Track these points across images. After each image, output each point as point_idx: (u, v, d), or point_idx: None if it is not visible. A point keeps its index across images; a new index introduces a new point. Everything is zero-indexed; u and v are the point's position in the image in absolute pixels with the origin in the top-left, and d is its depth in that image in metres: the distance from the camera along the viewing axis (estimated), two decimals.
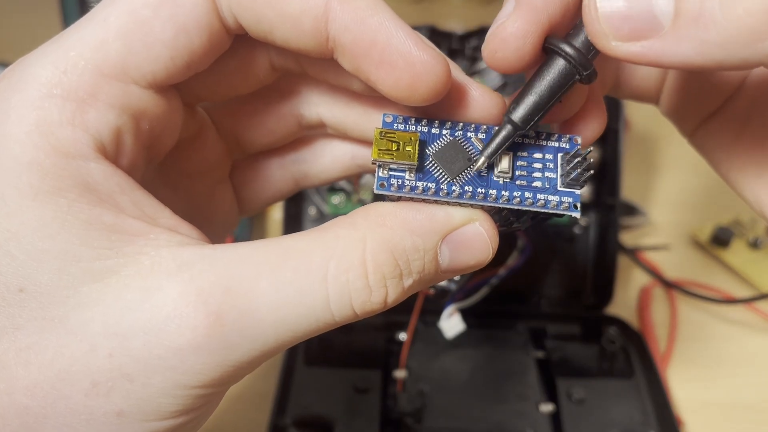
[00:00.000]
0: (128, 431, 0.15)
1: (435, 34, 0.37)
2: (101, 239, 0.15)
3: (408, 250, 0.16)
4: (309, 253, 0.16)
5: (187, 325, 0.15)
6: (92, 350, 0.15)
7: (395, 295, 0.16)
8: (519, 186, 0.17)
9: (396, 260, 0.16)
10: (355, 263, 0.16)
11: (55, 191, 0.15)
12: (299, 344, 0.35)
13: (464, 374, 0.34)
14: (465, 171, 0.17)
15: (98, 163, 0.16)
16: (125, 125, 0.16)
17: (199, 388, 0.15)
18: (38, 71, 0.15)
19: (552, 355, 0.36)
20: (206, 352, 0.15)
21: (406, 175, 0.17)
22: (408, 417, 0.32)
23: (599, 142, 0.39)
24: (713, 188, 0.52)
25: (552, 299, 0.40)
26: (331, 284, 0.15)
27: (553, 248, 0.40)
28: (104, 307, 0.15)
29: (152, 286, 0.15)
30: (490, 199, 0.16)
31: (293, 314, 0.15)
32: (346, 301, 0.16)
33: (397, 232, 0.16)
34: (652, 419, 0.32)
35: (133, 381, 0.15)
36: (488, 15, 0.81)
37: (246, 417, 0.34)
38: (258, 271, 0.15)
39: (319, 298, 0.15)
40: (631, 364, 0.36)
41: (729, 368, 0.37)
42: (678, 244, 0.46)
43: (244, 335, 0.15)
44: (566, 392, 0.33)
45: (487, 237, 0.17)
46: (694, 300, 0.42)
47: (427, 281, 0.17)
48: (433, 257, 0.16)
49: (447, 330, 0.36)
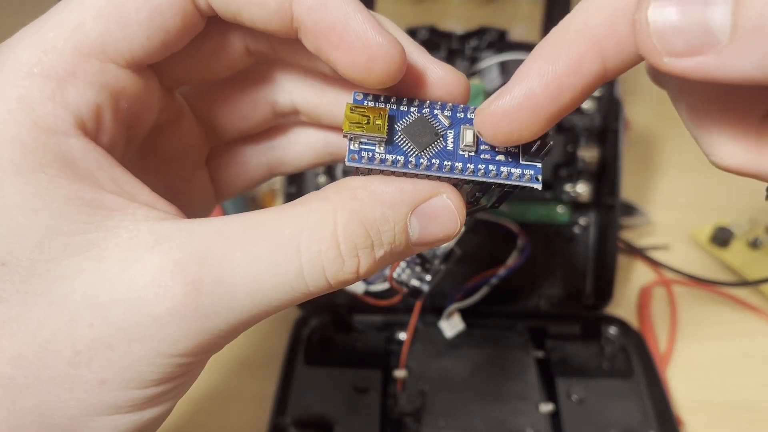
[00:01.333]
0: (110, 399, 0.16)
1: (435, 35, 0.37)
2: (81, 214, 0.16)
3: (378, 220, 0.17)
4: (282, 226, 0.16)
5: (166, 294, 0.15)
6: (73, 320, 0.15)
7: (367, 265, 0.17)
8: (483, 159, 0.17)
9: (367, 231, 0.16)
10: (327, 234, 0.16)
11: (36, 167, 0.15)
12: (299, 344, 0.36)
13: (464, 374, 0.34)
14: (432, 145, 0.17)
15: (78, 139, 0.16)
16: (104, 103, 0.17)
17: (179, 357, 0.16)
18: (18, 52, 0.16)
19: (552, 355, 0.36)
20: (184, 320, 0.15)
21: (376, 148, 0.17)
22: (408, 417, 0.32)
23: (599, 142, 0.39)
24: (713, 188, 0.52)
25: (552, 299, 0.40)
26: (304, 255, 0.16)
27: (552, 248, 0.40)
28: (84, 278, 0.15)
29: (131, 258, 0.15)
30: (456, 171, 0.17)
31: (268, 284, 0.16)
32: (319, 271, 0.16)
33: (367, 203, 0.17)
34: (651, 419, 0.32)
35: (114, 349, 0.15)
36: (488, 15, 0.81)
37: (246, 417, 0.34)
38: (233, 243, 0.16)
39: (293, 269, 0.16)
40: (631, 363, 0.36)
41: (729, 368, 0.38)
42: (677, 244, 0.46)
43: (221, 304, 0.16)
44: (566, 392, 0.33)
45: (454, 209, 0.17)
46: (693, 300, 0.42)
47: (398, 254, 0.17)
48: (403, 229, 0.17)
49: (447, 330, 0.36)
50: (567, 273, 0.40)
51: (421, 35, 0.37)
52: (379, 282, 0.37)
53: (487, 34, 0.37)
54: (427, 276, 0.30)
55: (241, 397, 0.35)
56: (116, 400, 0.16)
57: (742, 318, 0.41)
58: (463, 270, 0.40)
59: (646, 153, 0.56)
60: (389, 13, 0.20)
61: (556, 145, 0.37)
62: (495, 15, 0.82)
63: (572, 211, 0.39)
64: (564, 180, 0.38)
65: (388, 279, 0.30)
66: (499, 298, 0.39)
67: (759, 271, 0.42)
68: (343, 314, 0.38)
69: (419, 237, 0.17)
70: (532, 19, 0.78)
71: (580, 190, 0.37)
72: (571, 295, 0.40)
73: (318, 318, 0.38)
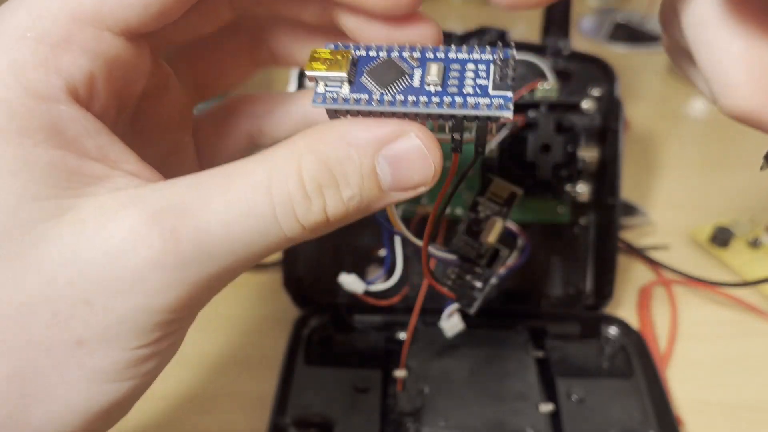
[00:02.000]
0: (88, 362, 0.16)
1: None
2: (61, 180, 0.16)
3: (342, 159, 0.16)
4: (252, 173, 0.16)
5: (143, 243, 0.15)
6: (51, 281, 0.15)
7: (334, 205, 0.17)
8: (450, 93, 0.17)
9: (330, 169, 0.16)
10: (293, 173, 0.16)
11: (21, 131, 0.15)
12: (299, 344, 0.36)
13: (464, 374, 0.34)
14: (397, 82, 0.17)
15: (68, 106, 0.16)
16: (98, 71, 0.17)
17: (162, 312, 0.16)
18: (12, 17, 0.16)
19: (552, 355, 0.36)
20: (164, 270, 0.15)
21: (341, 89, 0.17)
22: (408, 416, 0.32)
23: (599, 142, 0.39)
24: (713, 188, 0.52)
25: (551, 299, 0.40)
26: (275, 195, 0.16)
27: (552, 248, 0.40)
28: (62, 241, 0.15)
29: (108, 216, 0.16)
30: (421, 104, 0.17)
31: (245, 228, 0.16)
32: (290, 211, 0.16)
33: (330, 143, 0.17)
34: (651, 419, 0.32)
35: (93, 306, 0.15)
36: (488, 15, 0.81)
37: (246, 416, 0.34)
38: (208, 193, 0.16)
39: (266, 211, 0.16)
40: (631, 363, 0.36)
41: (729, 368, 0.38)
42: (677, 244, 0.46)
43: (200, 250, 0.16)
44: (566, 392, 0.33)
45: (424, 148, 0.17)
46: (693, 300, 0.42)
47: (370, 199, 0.17)
48: (371, 170, 0.17)
49: (447, 330, 0.36)
50: (567, 273, 0.40)
51: None
52: (379, 282, 0.37)
53: (487, 34, 0.37)
54: (477, 283, 0.28)
55: (241, 397, 0.35)
56: (94, 363, 0.16)
57: (742, 318, 0.41)
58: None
59: (646, 153, 0.56)
60: None
61: (556, 145, 0.37)
62: (495, 15, 0.82)
63: (572, 211, 0.39)
64: (564, 180, 0.38)
65: (426, 275, 0.26)
66: (499, 298, 0.40)
67: (759, 271, 0.43)
68: (343, 314, 0.38)
69: (392, 181, 0.17)
70: (531, 19, 0.78)
71: (580, 190, 0.37)
72: (570, 295, 0.40)
73: (318, 318, 0.38)
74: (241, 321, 0.40)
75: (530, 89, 0.37)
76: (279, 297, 0.40)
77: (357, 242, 0.40)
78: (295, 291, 0.39)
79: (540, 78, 0.37)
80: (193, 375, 0.36)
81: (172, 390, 0.35)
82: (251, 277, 0.43)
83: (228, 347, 0.38)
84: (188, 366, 0.37)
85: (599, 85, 0.38)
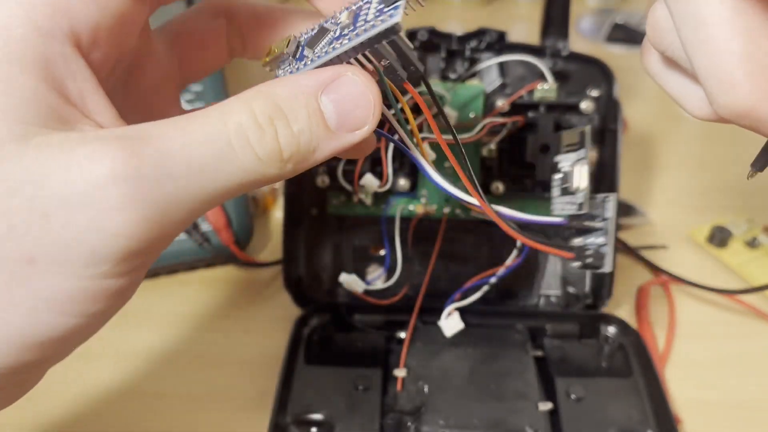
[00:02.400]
0: (37, 287, 0.16)
1: (434, 35, 0.38)
2: (36, 112, 0.16)
3: (289, 98, 0.18)
4: (208, 114, 0.17)
5: (105, 155, 0.16)
6: (11, 193, 0.15)
7: (285, 136, 0.18)
8: (358, 27, 0.19)
9: (279, 105, 0.18)
10: (245, 110, 0.17)
11: (12, 57, 0.16)
12: (300, 343, 0.36)
13: (463, 373, 0.34)
14: (324, 39, 0.20)
15: (65, 47, 0.17)
16: (104, 21, 0.18)
17: (118, 237, 0.16)
18: None
19: (551, 354, 0.36)
20: (124, 182, 0.16)
21: (290, 66, 0.20)
22: (408, 415, 0.32)
23: (597, 142, 0.39)
24: (711, 188, 0.52)
25: (550, 298, 0.40)
26: (229, 124, 0.17)
27: None
28: (26, 160, 0.16)
29: (73, 142, 0.16)
30: (340, 46, 0.19)
31: (203, 152, 0.17)
32: (244, 138, 0.17)
33: (279, 88, 0.18)
34: (650, 418, 0.33)
35: (50, 220, 0.15)
36: (487, 16, 0.81)
37: (247, 416, 0.34)
38: (169, 127, 0.17)
39: (222, 137, 0.17)
40: (630, 362, 0.36)
41: (727, 367, 0.38)
42: (676, 243, 0.46)
43: (160, 167, 0.16)
44: (565, 391, 0.34)
45: (361, 84, 0.18)
46: (691, 299, 0.42)
47: (320, 136, 0.18)
48: (316, 108, 0.18)
49: (446, 329, 0.36)
50: (565, 272, 0.40)
51: (421, 36, 0.37)
52: (379, 281, 0.38)
53: (487, 35, 0.37)
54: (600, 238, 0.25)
55: (241, 396, 0.35)
56: (44, 287, 0.16)
57: (739, 317, 0.41)
58: (462, 270, 0.40)
59: (645, 153, 0.56)
60: None
61: (555, 145, 0.37)
62: (494, 16, 0.82)
63: None
64: None
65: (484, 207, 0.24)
66: (498, 298, 0.40)
67: (757, 271, 0.43)
68: (343, 313, 0.38)
69: (337, 119, 0.18)
70: (530, 19, 0.78)
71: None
72: (569, 295, 0.40)
73: (318, 317, 0.38)
74: (241, 320, 0.40)
75: (529, 90, 0.38)
76: (279, 296, 0.40)
77: (357, 242, 0.40)
78: (295, 290, 0.39)
79: (539, 79, 0.38)
80: (193, 374, 0.36)
81: (172, 389, 0.36)
82: (252, 277, 0.43)
83: (229, 346, 0.38)
84: (188, 365, 0.37)
85: (598, 86, 0.38)
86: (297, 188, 0.39)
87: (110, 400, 0.34)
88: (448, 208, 0.39)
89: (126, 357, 0.37)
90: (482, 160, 0.38)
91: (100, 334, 0.36)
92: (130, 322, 0.40)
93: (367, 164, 0.36)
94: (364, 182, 0.36)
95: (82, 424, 0.34)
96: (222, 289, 0.42)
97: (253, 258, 0.43)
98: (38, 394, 0.22)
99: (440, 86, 0.38)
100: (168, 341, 0.38)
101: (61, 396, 0.35)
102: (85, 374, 0.36)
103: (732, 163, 0.54)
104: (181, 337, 0.39)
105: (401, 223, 0.38)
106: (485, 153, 0.38)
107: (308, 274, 0.40)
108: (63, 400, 0.35)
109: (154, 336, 0.39)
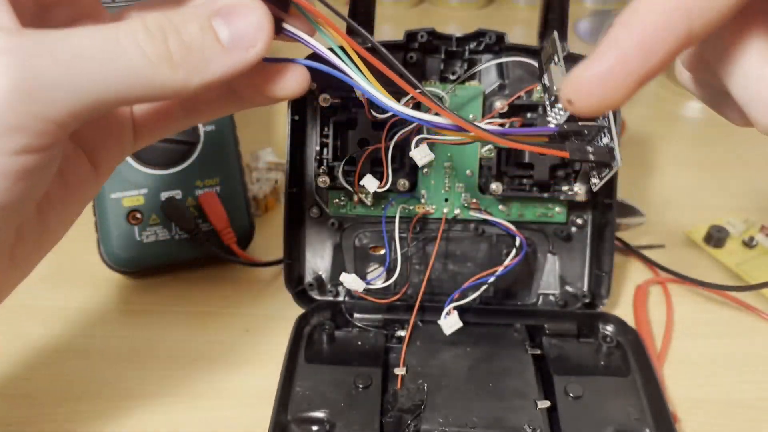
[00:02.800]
0: None
1: (433, 37, 0.38)
2: None
3: (180, 15, 0.19)
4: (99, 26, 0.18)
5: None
6: None
7: (176, 44, 0.19)
8: None
9: (170, 19, 0.19)
10: (137, 20, 0.19)
11: None
12: (300, 342, 0.36)
13: (463, 371, 0.35)
14: None
15: None
16: None
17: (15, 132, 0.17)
18: None
19: (549, 353, 0.36)
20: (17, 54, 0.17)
21: None
22: (407, 413, 0.33)
23: None
24: (709, 188, 0.53)
25: (549, 297, 0.40)
26: (120, 30, 0.18)
27: (550, 247, 0.40)
28: None
29: None
30: None
31: (91, 44, 0.18)
32: (134, 40, 0.18)
33: (172, 10, 0.20)
34: (648, 416, 0.33)
35: None
36: (486, 18, 0.82)
37: (248, 415, 0.34)
38: (57, 32, 0.18)
39: (111, 35, 0.18)
40: (628, 361, 0.36)
41: (725, 366, 0.38)
42: (673, 243, 0.46)
43: (52, 55, 0.17)
44: (563, 389, 0.34)
45: (252, 6, 0.20)
46: (689, 298, 0.42)
47: (212, 51, 0.19)
48: (208, 24, 0.19)
49: (445, 328, 0.36)
50: (564, 272, 0.40)
51: (420, 38, 0.38)
52: (379, 280, 0.38)
53: (486, 36, 0.38)
54: (605, 138, 0.25)
55: (242, 395, 0.36)
56: None
57: (737, 316, 0.41)
58: (461, 269, 0.40)
59: (642, 153, 0.56)
60: (389, 17, 0.21)
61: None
62: (493, 18, 0.82)
63: (569, 211, 0.40)
64: (561, 180, 0.38)
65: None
66: (497, 297, 0.40)
67: (754, 271, 0.43)
68: (343, 312, 0.38)
69: (229, 34, 0.19)
70: (530, 21, 0.79)
71: (577, 190, 0.38)
72: (568, 294, 0.40)
73: (319, 316, 0.38)
74: (242, 319, 0.40)
75: (528, 91, 0.38)
76: (280, 295, 0.40)
77: (357, 242, 0.40)
78: (296, 290, 0.39)
79: (537, 81, 0.38)
80: (194, 373, 0.37)
81: (172, 388, 0.36)
82: (253, 276, 0.43)
83: (229, 345, 0.39)
84: (189, 364, 0.37)
85: None
86: (297, 189, 0.39)
87: (110, 400, 0.35)
88: (448, 207, 0.39)
89: (126, 356, 0.37)
90: (481, 161, 0.39)
91: (106, 332, 0.37)
92: (131, 321, 0.40)
93: (368, 164, 0.37)
94: (365, 182, 0.36)
95: (83, 423, 0.34)
96: (223, 288, 0.42)
97: (255, 258, 0.43)
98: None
99: (439, 87, 0.38)
100: (169, 340, 0.39)
101: (61, 396, 0.35)
102: (86, 374, 0.36)
103: (729, 164, 0.55)
104: (182, 336, 0.39)
105: (401, 223, 0.39)
106: (484, 153, 0.38)
107: (309, 273, 0.40)
108: (63, 399, 0.35)
109: (155, 335, 0.39)
